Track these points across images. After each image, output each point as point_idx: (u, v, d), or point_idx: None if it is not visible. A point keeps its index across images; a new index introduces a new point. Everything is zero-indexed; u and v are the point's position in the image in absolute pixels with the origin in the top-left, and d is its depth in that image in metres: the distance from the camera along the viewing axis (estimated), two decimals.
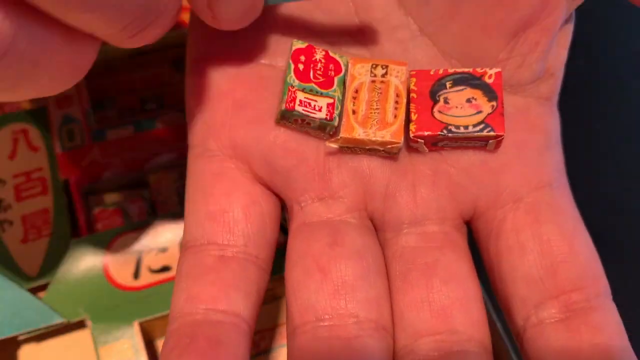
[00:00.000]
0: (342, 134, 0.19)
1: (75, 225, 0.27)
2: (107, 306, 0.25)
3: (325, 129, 0.19)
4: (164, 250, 0.26)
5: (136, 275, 0.26)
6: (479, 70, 0.19)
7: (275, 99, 0.19)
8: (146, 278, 0.26)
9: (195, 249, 0.18)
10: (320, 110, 0.19)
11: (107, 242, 0.26)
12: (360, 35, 0.20)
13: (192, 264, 0.18)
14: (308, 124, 0.19)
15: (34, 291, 0.25)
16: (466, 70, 0.19)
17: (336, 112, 0.19)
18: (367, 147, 0.19)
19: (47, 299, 0.25)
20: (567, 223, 0.18)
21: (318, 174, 0.19)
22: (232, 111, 0.19)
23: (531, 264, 0.17)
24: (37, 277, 0.25)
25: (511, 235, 0.18)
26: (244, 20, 0.17)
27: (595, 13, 0.28)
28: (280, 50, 0.20)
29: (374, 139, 0.18)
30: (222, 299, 0.17)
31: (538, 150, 0.19)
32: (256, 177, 0.19)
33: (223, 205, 0.18)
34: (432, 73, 0.19)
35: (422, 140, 0.19)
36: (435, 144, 0.19)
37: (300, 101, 0.19)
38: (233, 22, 0.17)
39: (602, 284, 0.18)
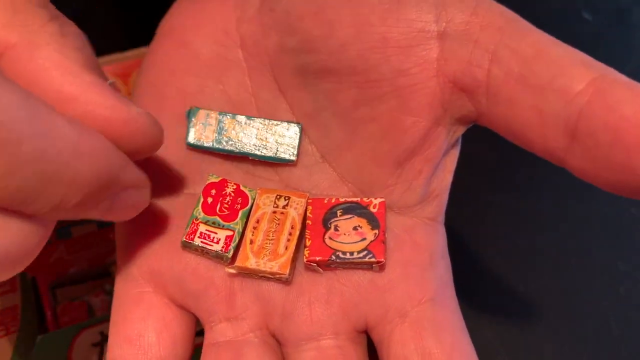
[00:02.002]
0: (237, 262, 0.21)
1: (42, 319, 0.30)
2: None
3: (222, 259, 0.21)
4: None
5: None
6: (365, 200, 0.21)
7: None
8: None
9: None
10: (218, 242, 0.21)
11: (72, 337, 0.28)
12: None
13: None
14: (207, 253, 0.21)
15: None
16: (355, 199, 0.21)
17: (233, 244, 0.21)
18: (260, 275, 0.21)
19: None
20: (447, 337, 0.20)
21: (224, 297, 0.21)
22: (151, 240, 0.21)
23: None
24: None
25: (398, 347, 0.20)
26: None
27: None
28: (199, 179, 0.22)
29: (263, 269, 0.20)
30: None
31: (422, 268, 0.21)
32: (171, 298, 0.21)
33: (139, 330, 0.20)
34: (325, 202, 0.21)
35: (315, 264, 0.21)
36: (328, 265, 0.21)
37: (201, 233, 0.21)
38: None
39: None
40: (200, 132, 0.22)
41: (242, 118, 0.22)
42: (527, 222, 0.35)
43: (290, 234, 0.21)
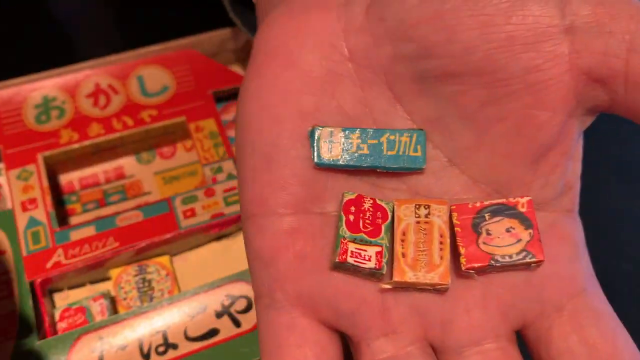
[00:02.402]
0: (395, 277, 0.20)
1: (40, 325, 0.29)
2: None
3: (374, 276, 0.20)
4: (123, 348, 0.28)
5: None
6: (512, 200, 0.21)
7: (330, 247, 0.21)
8: None
9: None
10: (369, 259, 0.20)
11: (70, 343, 0.28)
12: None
13: None
14: (359, 271, 0.20)
15: None
16: (500, 201, 0.21)
17: (384, 260, 0.20)
18: (419, 287, 0.20)
19: None
20: (607, 324, 0.20)
21: (379, 313, 0.20)
22: (294, 263, 0.21)
23: None
24: None
25: (560, 341, 0.20)
26: None
27: None
28: (328, 196, 0.21)
29: (424, 281, 0.20)
30: None
31: (570, 260, 0.21)
32: (323, 321, 0.21)
33: (297, 357, 0.20)
34: (470, 206, 0.21)
35: (473, 271, 0.20)
36: (486, 270, 0.21)
37: (352, 252, 0.20)
38: None
39: None
40: (326, 150, 0.22)
41: (366, 131, 0.22)
42: None
43: (441, 242, 0.21)
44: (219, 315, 0.29)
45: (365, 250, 0.21)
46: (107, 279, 0.32)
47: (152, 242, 0.31)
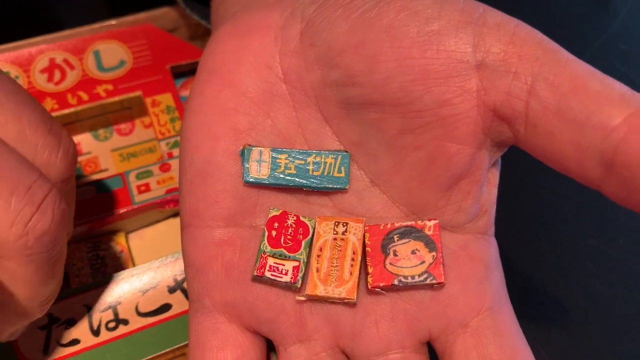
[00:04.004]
0: (307, 290, 0.22)
1: None
2: None
3: (290, 289, 0.23)
4: (72, 324, 0.27)
5: (45, 350, 0.27)
6: (420, 223, 0.22)
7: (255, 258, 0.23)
8: (55, 352, 0.27)
9: None
10: (286, 273, 0.22)
11: None
12: None
13: None
14: (277, 284, 0.22)
15: None
16: (409, 223, 0.23)
17: (300, 274, 0.23)
18: (329, 301, 0.22)
19: None
20: (507, 343, 0.22)
21: (295, 321, 0.23)
22: (222, 273, 0.23)
23: None
24: None
25: (460, 356, 0.22)
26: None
27: None
28: (258, 211, 0.23)
29: (332, 295, 0.22)
30: None
31: (478, 280, 0.22)
32: (246, 326, 0.23)
33: (218, 358, 0.22)
34: (382, 227, 0.23)
35: (379, 289, 0.22)
36: (389, 289, 0.22)
37: (270, 266, 0.22)
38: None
39: None
40: (255, 170, 0.23)
41: (293, 152, 0.23)
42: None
43: (352, 259, 0.22)
44: (171, 290, 0.28)
45: (283, 265, 0.22)
46: None
47: (105, 218, 0.30)
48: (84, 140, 0.35)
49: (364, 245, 0.23)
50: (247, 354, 0.22)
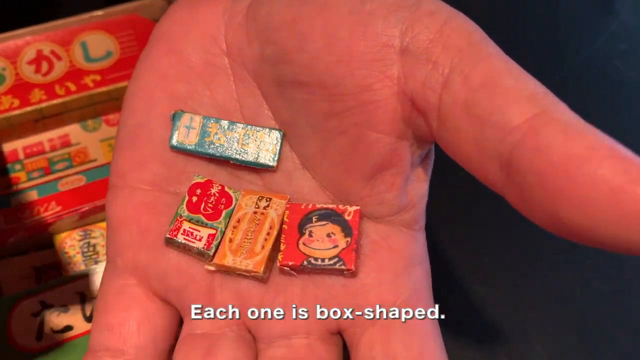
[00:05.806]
0: (215, 259, 0.22)
1: None
2: None
3: (203, 256, 0.22)
4: (65, 311, 0.28)
5: (39, 337, 0.27)
6: (341, 207, 0.22)
7: None
8: (49, 339, 0.27)
9: (93, 353, 0.21)
10: (200, 240, 0.22)
11: (11, 306, 0.28)
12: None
13: None
14: (189, 250, 0.22)
15: None
16: (331, 206, 0.22)
17: (215, 242, 0.22)
18: (237, 272, 0.22)
19: None
20: (416, 342, 0.20)
21: (204, 292, 0.22)
22: (136, 235, 0.22)
23: None
24: None
25: (365, 350, 0.20)
26: None
27: None
28: (185, 179, 0.23)
29: (239, 267, 0.21)
30: None
31: (396, 273, 0.21)
32: (154, 292, 0.22)
33: (120, 319, 0.21)
34: (302, 207, 0.22)
35: (288, 268, 0.21)
36: (300, 270, 0.22)
37: (184, 230, 0.22)
38: None
39: None
40: (183, 135, 0.22)
41: (225, 123, 0.23)
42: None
43: (268, 234, 0.22)
44: None
45: (199, 231, 0.22)
46: (51, 244, 0.31)
47: (95, 206, 0.30)
48: (72, 131, 0.35)
49: (282, 224, 0.22)
50: (151, 319, 0.22)
